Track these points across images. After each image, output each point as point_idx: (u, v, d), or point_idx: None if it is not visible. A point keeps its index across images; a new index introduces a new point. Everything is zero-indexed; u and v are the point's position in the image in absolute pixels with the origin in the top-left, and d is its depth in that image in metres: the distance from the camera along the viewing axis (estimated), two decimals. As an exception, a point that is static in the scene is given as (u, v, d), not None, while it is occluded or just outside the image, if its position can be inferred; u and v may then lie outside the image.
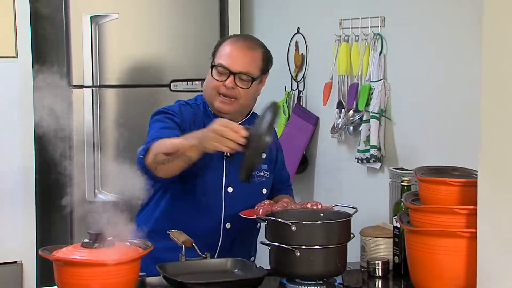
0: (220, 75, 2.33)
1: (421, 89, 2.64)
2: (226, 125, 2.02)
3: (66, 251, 1.82)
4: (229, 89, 2.32)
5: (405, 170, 2.52)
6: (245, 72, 2.32)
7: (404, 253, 2.13)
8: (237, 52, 2.34)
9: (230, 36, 2.45)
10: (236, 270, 2.08)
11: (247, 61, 2.33)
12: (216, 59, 2.36)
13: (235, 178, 2.30)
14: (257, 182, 2.42)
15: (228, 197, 2.36)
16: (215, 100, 2.34)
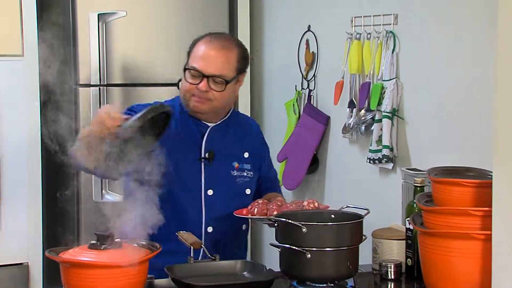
0: (193, 78, 2.32)
1: (434, 88, 2.63)
2: (107, 112, 1.97)
3: (73, 252, 1.82)
4: (203, 92, 2.30)
5: (418, 170, 2.52)
6: (218, 75, 2.30)
7: (417, 256, 2.13)
8: (210, 53, 2.31)
9: (204, 36, 2.39)
10: (246, 272, 2.08)
11: (220, 63, 2.31)
12: (189, 61, 2.35)
13: (215, 180, 2.33)
14: (240, 182, 2.40)
15: (208, 200, 2.33)
16: (190, 101, 2.33)
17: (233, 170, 2.40)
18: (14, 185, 3.32)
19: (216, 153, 2.36)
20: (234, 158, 2.41)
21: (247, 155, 2.44)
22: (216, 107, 2.36)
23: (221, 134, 2.39)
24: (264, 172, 2.52)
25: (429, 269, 1.98)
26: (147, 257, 1.82)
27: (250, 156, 2.44)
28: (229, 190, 2.35)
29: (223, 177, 2.36)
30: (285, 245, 2.02)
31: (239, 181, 2.40)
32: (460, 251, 1.90)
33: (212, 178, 2.34)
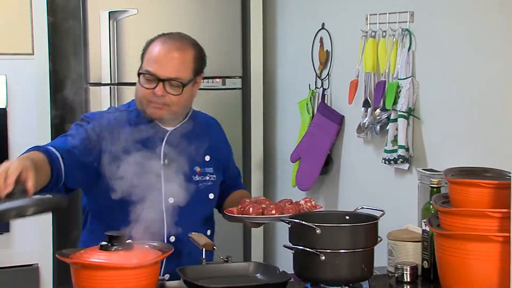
0: (148, 82, 2.24)
1: (451, 87, 2.62)
2: (3, 171, 1.82)
3: (83, 254, 1.83)
4: (159, 97, 2.23)
5: (435, 171, 2.51)
6: (174, 78, 2.23)
7: (433, 258, 2.12)
8: (165, 55, 2.24)
9: (157, 37, 2.31)
10: (259, 274, 2.08)
11: (176, 65, 2.24)
12: (143, 64, 2.27)
13: (176, 187, 2.23)
14: (202, 188, 2.34)
15: (169, 208, 2.25)
16: (147, 108, 2.26)
17: (195, 175, 2.33)
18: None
19: (176, 159, 2.27)
20: (195, 163, 2.33)
21: (208, 158, 2.37)
22: (174, 112, 2.28)
23: (181, 138, 2.31)
24: (228, 172, 2.48)
25: (446, 271, 1.98)
26: (158, 259, 1.83)
27: (212, 158, 2.37)
28: (191, 196, 2.25)
29: (184, 184, 2.25)
30: (298, 246, 2.02)
31: (201, 186, 2.33)
32: (478, 254, 1.89)
33: (173, 185, 2.25)
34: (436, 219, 2.05)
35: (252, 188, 3.74)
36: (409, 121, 2.76)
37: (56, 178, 2.08)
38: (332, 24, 3.31)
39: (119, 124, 2.26)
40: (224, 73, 3.59)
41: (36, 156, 2.04)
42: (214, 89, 3.57)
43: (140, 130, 2.26)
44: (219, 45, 3.57)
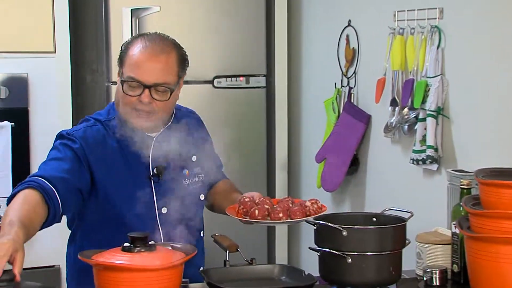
0: (132, 89, 2.13)
1: (482, 85, 2.60)
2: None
3: (106, 255, 1.83)
4: (146, 104, 2.14)
5: (465, 172, 2.49)
6: (161, 83, 2.13)
7: (463, 261, 2.10)
8: (148, 60, 2.13)
9: (135, 39, 2.19)
10: (284, 277, 2.08)
11: (161, 69, 2.13)
12: (124, 70, 2.15)
13: (168, 196, 2.19)
14: (193, 190, 2.27)
15: (163, 218, 2.21)
16: (131, 117, 2.17)
17: (185, 179, 2.28)
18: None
19: (164, 166, 2.22)
20: (183, 166, 2.27)
21: (195, 158, 2.31)
22: (161, 119, 2.21)
23: (167, 143, 2.23)
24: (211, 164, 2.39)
25: (477, 275, 1.96)
26: (182, 260, 1.83)
27: (198, 157, 2.32)
28: (184, 202, 2.21)
29: (175, 191, 2.20)
30: (324, 249, 2.01)
31: (192, 189, 2.27)
32: (511, 257, 1.87)
33: (165, 194, 2.20)
34: (466, 221, 2.03)
35: (277, 188, 3.74)
36: (438, 120, 2.75)
37: (53, 215, 2.06)
38: (359, 21, 3.30)
39: (104, 137, 2.19)
40: (247, 72, 3.59)
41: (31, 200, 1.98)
42: (237, 87, 3.57)
43: (125, 141, 2.18)
44: (242, 43, 3.57)
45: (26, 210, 1.94)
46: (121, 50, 2.21)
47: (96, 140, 2.17)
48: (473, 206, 2.00)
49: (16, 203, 1.97)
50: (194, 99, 3.48)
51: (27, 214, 1.93)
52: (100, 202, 2.18)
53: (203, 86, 3.50)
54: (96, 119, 2.25)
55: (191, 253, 1.86)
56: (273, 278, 2.08)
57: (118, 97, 2.20)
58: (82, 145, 2.15)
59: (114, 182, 2.16)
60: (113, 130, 2.21)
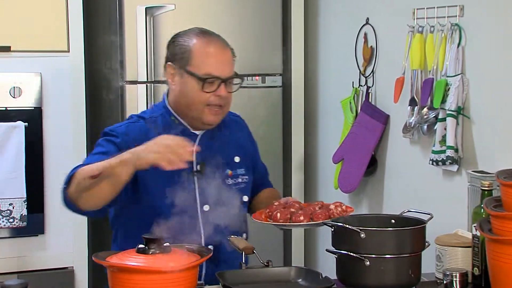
0: (209, 85, 2.22)
1: (503, 84, 2.59)
2: (174, 139, 1.94)
3: (120, 257, 1.84)
4: (223, 98, 2.23)
5: (486, 173, 2.48)
6: (233, 75, 2.25)
7: (484, 264, 2.09)
8: (220, 54, 2.24)
9: (190, 34, 2.27)
10: (301, 280, 2.08)
11: (230, 62, 2.25)
12: (194, 68, 2.22)
13: (210, 194, 2.24)
14: (236, 191, 2.31)
15: (205, 216, 2.25)
16: (204, 114, 2.24)
17: (228, 178, 2.32)
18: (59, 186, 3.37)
19: (207, 164, 2.26)
20: (226, 166, 2.33)
21: (238, 159, 2.36)
22: (226, 113, 2.29)
23: (211, 141, 2.31)
24: (257, 170, 2.47)
25: (498, 279, 1.95)
26: (197, 263, 1.83)
27: (242, 159, 2.37)
28: (226, 201, 2.25)
29: (218, 189, 2.25)
30: (342, 251, 2.01)
31: (235, 189, 2.31)
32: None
33: (207, 191, 2.25)
34: (487, 224, 2.02)
35: (293, 189, 3.73)
36: (458, 120, 2.73)
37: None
38: (377, 19, 3.29)
39: (146, 133, 2.23)
40: (263, 71, 3.59)
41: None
42: (253, 87, 3.57)
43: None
44: (258, 42, 3.57)
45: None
46: (176, 50, 2.26)
47: (138, 135, 2.22)
48: (494, 208, 1.99)
49: (87, 167, 2.05)
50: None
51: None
52: (141, 197, 2.21)
53: (219, 85, 3.50)
54: (140, 116, 2.32)
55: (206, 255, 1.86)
56: (289, 280, 2.08)
57: (183, 96, 2.24)
58: (124, 140, 2.21)
59: (155, 177, 2.18)
60: (157, 127, 2.26)
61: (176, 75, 2.27)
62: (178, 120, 2.29)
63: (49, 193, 3.36)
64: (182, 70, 2.25)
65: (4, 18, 3.29)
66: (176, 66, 2.27)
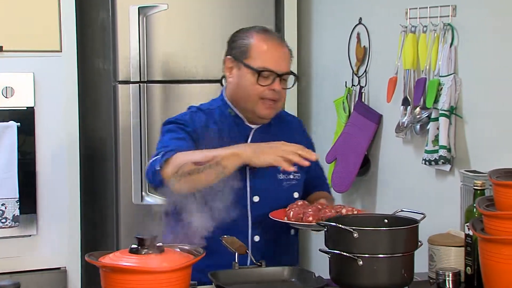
0: (264, 79, 2.31)
1: (495, 84, 2.60)
2: (293, 145, 2.07)
3: (113, 257, 1.84)
4: (277, 92, 2.31)
5: (478, 172, 2.48)
6: (289, 72, 2.33)
7: (477, 264, 2.10)
8: (278, 50, 2.32)
9: (254, 31, 2.36)
10: (294, 279, 2.08)
11: (287, 58, 2.34)
12: (252, 61, 2.31)
13: (260, 185, 2.31)
14: (287, 186, 2.38)
15: (254, 207, 2.32)
16: (257, 107, 2.32)
17: (279, 173, 2.38)
18: (52, 186, 3.38)
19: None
20: None
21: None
22: (280, 108, 2.38)
23: (265, 135, 2.37)
24: (311, 171, 2.50)
25: (491, 278, 1.96)
26: (190, 263, 1.83)
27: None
28: (276, 195, 2.34)
29: (269, 182, 2.34)
30: (335, 251, 2.01)
31: (286, 185, 2.38)
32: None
33: (258, 183, 2.33)
34: (480, 223, 2.03)
35: (286, 189, 3.73)
36: (451, 120, 2.74)
37: None
38: (370, 19, 3.30)
39: (206, 124, 2.33)
40: (257, 70, 3.59)
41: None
42: (246, 87, 3.57)
43: (226, 128, 2.34)
44: (251, 41, 3.57)
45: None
46: (236, 44, 2.36)
47: (200, 125, 2.32)
48: (487, 208, 2.00)
49: (188, 153, 2.16)
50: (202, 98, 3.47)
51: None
52: None
53: (211, 85, 3.50)
54: (198, 108, 2.40)
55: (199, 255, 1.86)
56: (283, 280, 2.08)
57: (240, 89, 2.33)
58: (192, 129, 2.30)
59: None
60: (214, 119, 2.35)
61: (234, 68, 2.36)
62: (235, 113, 2.37)
63: (42, 193, 3.35)
64: (240, 63, 2.34)
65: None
66: (234, 59, 2.36)
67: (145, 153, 3.38)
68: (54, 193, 3.37)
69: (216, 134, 2.31)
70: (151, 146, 3.39)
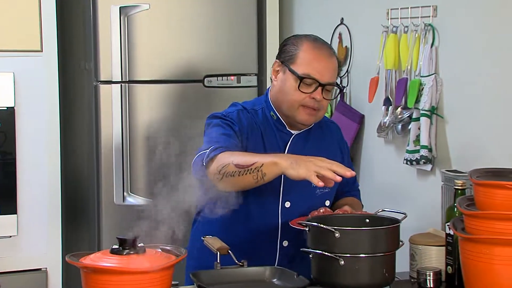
0: (306, 86, 2.31)
1: (476, 84, 2.61)
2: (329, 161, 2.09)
3: (94, 257, 1.83)
4: (317, 102, 2.31)
5: (459, 172, 2.50)
6: (332, 82, 2.33)
7: (458, 263, 2.11)
8: (324, 60, 2.32)
9: (303, 38, 2.38)
10: (275, 279, 2.08)
11: (333, 70, 2.34)
12: (297, 66, 2.31)
13: (293, 191, 2.33)
14: (319, 194, 2.39)
15: (285, 212, 2.34)
16: (297, 113, 2.32)
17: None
18: (32, 187, 3.35)
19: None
20: None
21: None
22: (321, 117, 2.38)
23: (303, 142, 2.39)
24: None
25: (471, 277, 1.97)
26: (172, 263, 1.83)
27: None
28: (308, 202, 2.34)
29: (302, 189, 2.34)
30: (317, 251, 2.02)
31: (318, 193, 2.38)
32: (505, 259, 1.88)
33: (291, 189, 2.34)
34: (460, 223, 2.04)
35: (268, 189, 3.73)
36: (432, 120, 2.76)
37: None
38: (352, 19, 3.31)
39: (252, 125, 2.34)
40: (238, 71, 3.59)
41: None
42: (228, 87, 3.57)
43: (267, 132, 2.35)
44: (233, 42, 3.57)
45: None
46: (287, 47, 2.36)
47: (247, 124, 2.33)
48: (467, 207, 2.01)
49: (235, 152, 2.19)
50: (184, 98, 3.48)
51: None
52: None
53: (194, 85, 3.50)
54: (243, 107, 2.40)
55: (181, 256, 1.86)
56: (264, 280, 2.08)
57: (282, 93, 2.33)
58: (239, 128, 2.31)
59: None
60: (257, 120, 2.36)
61: (280, 72, 2.36)
62: (277, 116, 2.38)
63: (22, 194, 3.33)
64: (286, 68, 2.34)
65: (-24, 17, 3.27)
66: (281, 63, 2.36)
67: (127, 153, 3.37)
68: (35, 193, 3.35)
69: (258, 136, 2.33)
70: (132, 146, 3.39)
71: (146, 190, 3.38)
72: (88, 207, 3.51)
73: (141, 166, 3.39)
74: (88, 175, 3.52)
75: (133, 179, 3.38)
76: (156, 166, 3.33)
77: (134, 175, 3.38)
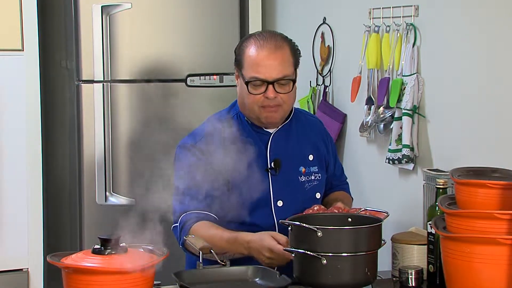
0: (257, 88, 2.31)
1: (458, 84, 2.63)
2: (275, 252, 2.13)
3: (75, 257, 1.83)
4: (272, 99, 2.30)
5: (441, 171, 2.51)
6: (282, 77, 2.31)
7: (439, 262, 2.12)
8: (267, 57, 2.30)
9: (250, 39, 2.36)
10: (258, 279, 2.08)
11: (279, 64, 2.30)
12: (245, 71, 2.32)
13: (283, 190, 2.35)
14: (309, 188, 2.40)
15: (279, 211, 2.35)
16: (260, 114, 2.33)
17: (301, 175, 2.40)
18: (13, 186, 3.34)
19: (281, 161, 2.36)
20: (300, 163, 2.40)
21: (312, 158, 2.43)
22: (286, 111, 2.37)
23: (284, 139, 2.40)
24: (331, 169, 2.52)
25: (452, 276, 1.98)
26: (153, 263, 1.83)
27: (316, 157, 2.44)
28: (299, 197, 2.36)
29: (291, 185, 2.36)
30: (299, 250, 2.02)
31: (307, 187, 2.40)
32: (485, 257, 1.89)
33: (281, 187, 2.35)
34: (442, 221, 2.05)
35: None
36: (414, 119, 2.77)
37: None
38: (334, 19, 3.31)
39: (224, 135, 2.34)
40: (221, 70, 3.59)
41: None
42: (211, 86, 3.57)
43: (245, 135, 2.34)
44: (215, 41, 3.57)
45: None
46: (236, 54, 2.37)
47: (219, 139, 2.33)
48: (449, 206, 2.02)
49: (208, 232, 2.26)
50: (166, 97, 3.48)
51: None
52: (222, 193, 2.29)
53: (176, 84, 3.50)
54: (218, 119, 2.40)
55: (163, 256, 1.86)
56: (247, 279, 2.08)
57: (242, 98, 2.36)
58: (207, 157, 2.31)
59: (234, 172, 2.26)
60: (234, 127, 2.36)
61: (238, 77, 2.38)
62: (251, 121, 2.38)
63: (3, 193, 3.31)
64: (239, 73, 2.36)
65: (-44, 16, 3.24)
66: (237, 68, 2.37)
67: (109, 153, 3.36)
68: (16, 193, 3.33)
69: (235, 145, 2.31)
70: (115, 145, 3.38)
71: (129, 190, 3.37)
72: (70, 207, 3.50)
73: (123, 166, 3.38)
74: (70, 175, 3.51)
75: (115, 179, 3.37)
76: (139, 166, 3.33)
77: (116, 175, 3.37)
